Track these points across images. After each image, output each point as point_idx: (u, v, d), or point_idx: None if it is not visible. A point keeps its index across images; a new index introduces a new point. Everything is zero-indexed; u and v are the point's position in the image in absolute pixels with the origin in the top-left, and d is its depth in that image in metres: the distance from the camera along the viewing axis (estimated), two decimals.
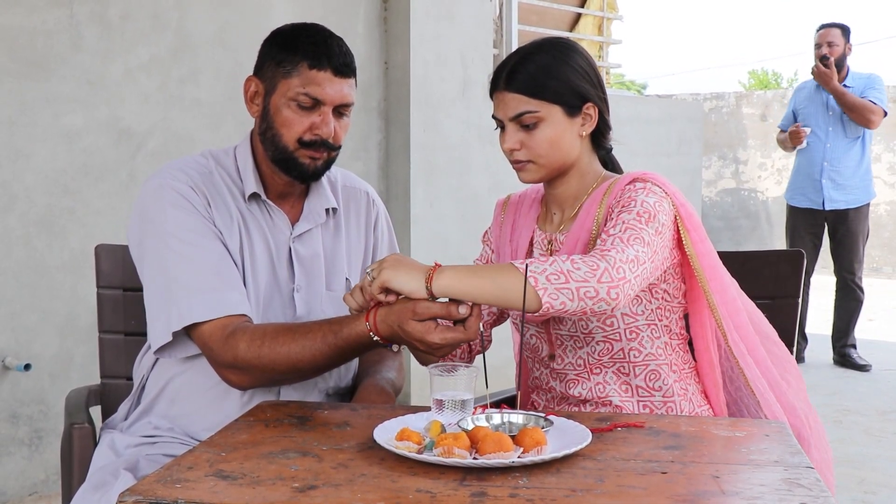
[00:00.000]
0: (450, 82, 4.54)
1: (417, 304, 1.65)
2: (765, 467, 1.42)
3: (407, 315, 1.66)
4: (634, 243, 1.73)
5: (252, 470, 1.39)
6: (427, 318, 1.65)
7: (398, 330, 1.68)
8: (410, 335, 1.66)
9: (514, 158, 1.93)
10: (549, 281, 1.62)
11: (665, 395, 1.91)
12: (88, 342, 3.45)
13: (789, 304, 2.19)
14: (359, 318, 1.74)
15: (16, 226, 3.37)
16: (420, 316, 1.65)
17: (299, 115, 1.91)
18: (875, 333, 7.89)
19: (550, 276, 1.62)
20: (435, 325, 1.66)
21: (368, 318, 1.72)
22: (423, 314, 1.65)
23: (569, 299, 1.63)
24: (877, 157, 13.01)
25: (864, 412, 5.22)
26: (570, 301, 1.63)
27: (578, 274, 1.63)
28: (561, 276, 1.63)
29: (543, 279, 1.62)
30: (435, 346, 1.66)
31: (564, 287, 1.62)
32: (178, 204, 1.89)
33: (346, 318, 1.77)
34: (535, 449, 1.43)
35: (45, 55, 3.40)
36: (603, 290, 1.64)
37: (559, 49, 1.93)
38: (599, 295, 1.64)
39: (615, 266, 1.66)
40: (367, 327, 1.72)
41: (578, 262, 1.65)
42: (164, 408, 1.97)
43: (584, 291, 1.63)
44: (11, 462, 3.40)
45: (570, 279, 1.63)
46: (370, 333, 1.72)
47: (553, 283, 1.62)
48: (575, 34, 5.86)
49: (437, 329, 1.65)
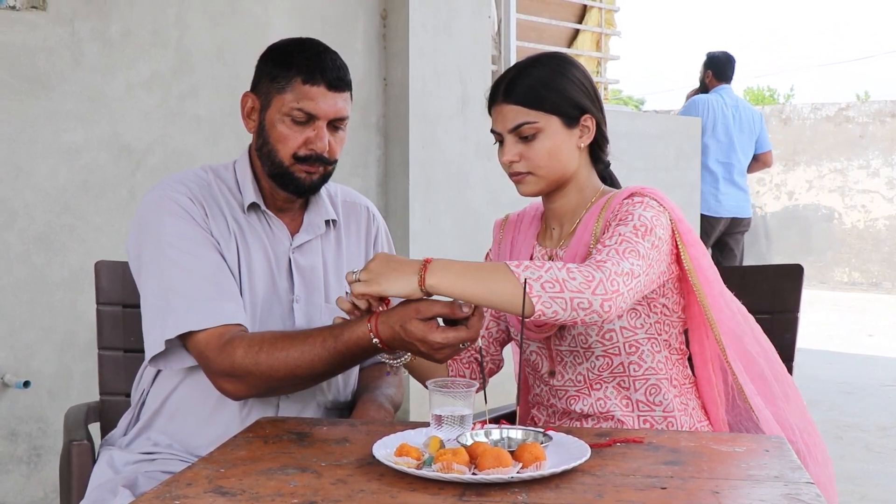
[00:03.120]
0: (448, 98, 4.54)
1: (420, 303, 1.65)
2: (765, 483, 1.42)
3: (410, 314, 1.65)
4: (630, 256, 1.74)
5: (251, 486, 1.39)
6: (430, 318, 1.65)
7: (400, 330, 1.66)
8: (412, 335, 1.65)
9: (514, 170, 1.94)
10: (544, 289, 1.63)
11: (665, 410, 1.91)
12: (88, 359, 3.45)
13: (788, 318, 2.19)
14: (359, 321, 1.73)
15: (15, 242, 3.37)
16: (423, 315, 1.64)
17: (294, 130, 1.91)
18: (875, 349, 7.88)
19: (545, 284, 1.63)
20: (437, 324, 1.65)
21: (370, 321, 1.71)
22: (426, 313, 1.64)
23: (561, 308, 1.64)
24: (875, 171, 13.01)
25: (864, 428, 5.21)
26: (562, 311, 1.64)
27: (573, 284, 1.64)
28: (556, 285, 1.63)
29: (538, 286, 1.63)
30: (437, 345, 1.65)
31: (558, 296, 1.63)
32: (176, 214, 1.90)
33: (347, 323, 1.76)
34: (534, 464, 1.43)
35: (46, 72, 3.40)
36: (596, 301, 1.64)
37: (557, 62, 1.95)
38: (592, 307, 1.64)
39: (610, 278, 1.67)
40: (368, 328, 1.71)
41: (574, 271, 1.66)
42: (164, 423, 1.96)
43: (577, 302, 1.64)
44: (10, 479, 3.39)
45: (565, 289, 1.64)
46: (370, 335, 1.71)
47: (548, 292, 1.63)
48: (573, 50, 5.88)
49: (440, 329, 1.65)
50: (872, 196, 13.05)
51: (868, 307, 10.83)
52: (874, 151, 13.06)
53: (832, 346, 7.92)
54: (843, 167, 13.24)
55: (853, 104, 13.41)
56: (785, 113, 13.83)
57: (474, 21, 4.67)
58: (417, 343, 1.66)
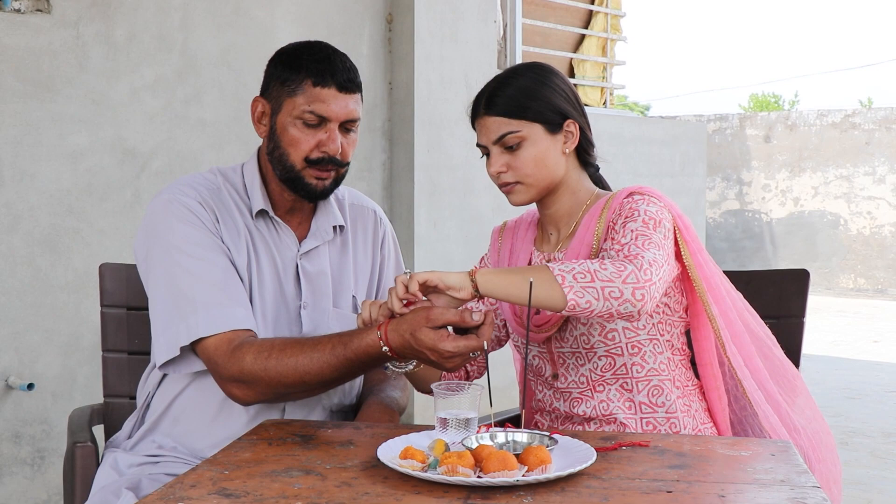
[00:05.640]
0: (454, 102, 4.55)
1: (431, 311, 1.65)
2: (770, 486, 1.41)
3: (420, 322, 1.64)
4: (651, 247, 1.75)
5: (255, 488, 1.38)
6: (440, 326, 1.64)
7: (410, 339, 1.66)
8: (423, 343, 1.64)
9: (502, 181, 1.95)
10: (576, 279, 1.63)
11: (668, 412, 1.91)
12: (92, 361, 3.45)
13: (794, 323, 2.19)
14: (369, 329, 1.73)
15: (20, 245, 3.37)
16: (434, 323, 1.64)
17: (305, 133, 1.91)
18: (880, 355, 7.87)
19: (577, 275, 1.64)
20: (447, 332, 1.65)
21: (379, 329, 1.71)
22: (437, 321, 1.64)
23: (594, 298, 1.63)
24: (881, 178, 13.01)
25: (869, 434, 5.20)
26: (595, 300, 1.64)
27: (605, 274, 1.65)
28: (587, 275, 1.64)
29: (570, 277, 1.64)
30: (447, 354, 1.64)
31: (590, 286, 1.63)
32: (186, 218, 1.89)
33: (357, 331, 1.76)
34: (540, 468, 1.42)
35: (50, 75, 3.41)
36: (628, 290, 1.64)
37: (535, 71, 1.96)
38: (624, 296, 1.64)
39: (641, 268, 1.67)
40: (378, 336, 1.70)
41: (606, 262, 1.67)
42: (169, 426, 1.96)
43: (609, 291, 1.64)
44: (14, 482, 3.39)
45: (596, 278, 1.64)
46: (380, 343, 1.70)
47: (579, 282, 1.63)
48: (579, 55, 5.88)
49: (450, 337, 1.64)
50: (878, 203, 13.05)
51: (874, 313, 10.82)
52: (880, 158, 13.05)
53: (837, 353, 7.92)
54: (849, 174, 13.24)
55: (859, 111, 13.41)
56: (791, 119, 13.82)
57: (480, 26, 4.68)
58: (427, 352, 1.65)
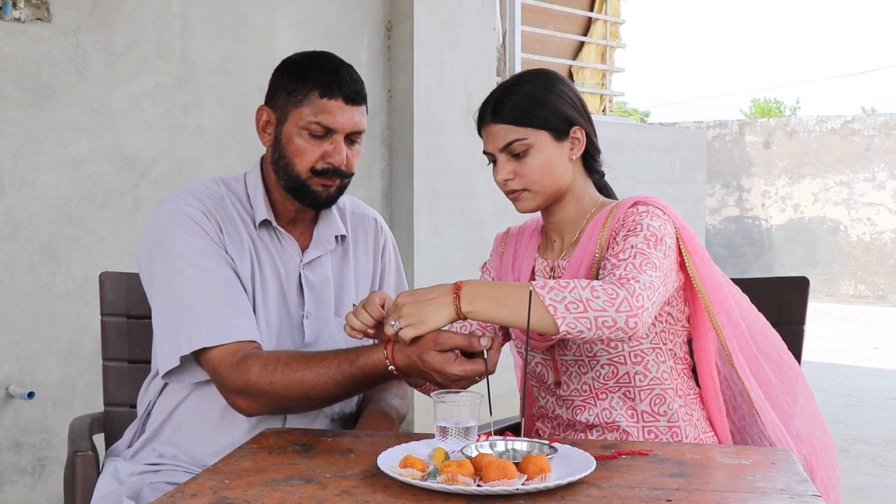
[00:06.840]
0: (453, 109, 4.55)
1: (439, 335, 1.65)
2: (771, 495, 1.41)
3: (428, 345, 1.65)
4: (647, 268, 1.73)
5: (255, 497, 1.38)
6: (448, 349, 1.65)
7: (417, 360, 1.66)
8: (430, 365, 1.65)
9: (509, 189, 1.95)
10: (568, 310, 1.62)
11: (670, 421, 1.90)
12: (92, 370, 3.44)
13: (794, 330, 2.18)
14: (376, 347, 1.74)
15: (20, 254, 3.37)
16: (442, 346, 1.64)
17: (311, 143, 1.91)
18: (881, 362, 7.86)
19: (569, 305, 1.63)
20: (455, 356, 1.65)
21: (386, 348, 1.72)
22: (444, 344, 1.64)
23: (587, 328, 1.63)
24: (881, 184, 13.01)
25: (870, 441, 5.19)
26: (587, 330, 1.64)
27: (597, 303, 1.63)
28: (580, 305, 1.63)
29: (563, 308, 1.62)
30: (454, 377, 1.65)
31: (583, 316, 1.63)
32: (189, 228, 1.89)
33: (363, 348, 1.77)
34: (540, 476, 1.42)
35: (50, 84, 3.41)
36: (621, 319, 1.64)
37: (542, 78, 1.96)
38: (617, 324, 1.64)
39: (634, 294, 1.66)
40: (385, 356, 1.72)
41: (598, 289, 1.65)
42: (170, 434, 1.96)
43: (602, 321, 1.63)
44: (14, 490, 3.38)
45: (589, 308, 1.63)
46: (386, 363, 1.72)
47: (572, 313, 1.62)
48: (578, 62, 5.89)
49: (458, 360, 1.65)
50: (878, 209, 13.05)
51: (874, 320, 10.81)
52: (880, 164, 13.05)
53: (838, 359, 7.91)
54: (849, 180, 13.24)
55: (859, 117, 13.42)
56: (791, 125, 13.83)
57: (479, 33, 4.68)
58: (434, 374, 1.66)
